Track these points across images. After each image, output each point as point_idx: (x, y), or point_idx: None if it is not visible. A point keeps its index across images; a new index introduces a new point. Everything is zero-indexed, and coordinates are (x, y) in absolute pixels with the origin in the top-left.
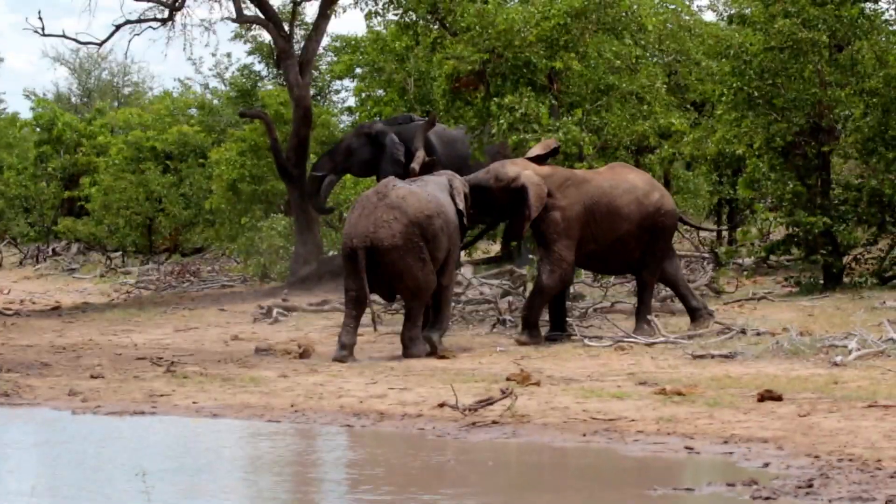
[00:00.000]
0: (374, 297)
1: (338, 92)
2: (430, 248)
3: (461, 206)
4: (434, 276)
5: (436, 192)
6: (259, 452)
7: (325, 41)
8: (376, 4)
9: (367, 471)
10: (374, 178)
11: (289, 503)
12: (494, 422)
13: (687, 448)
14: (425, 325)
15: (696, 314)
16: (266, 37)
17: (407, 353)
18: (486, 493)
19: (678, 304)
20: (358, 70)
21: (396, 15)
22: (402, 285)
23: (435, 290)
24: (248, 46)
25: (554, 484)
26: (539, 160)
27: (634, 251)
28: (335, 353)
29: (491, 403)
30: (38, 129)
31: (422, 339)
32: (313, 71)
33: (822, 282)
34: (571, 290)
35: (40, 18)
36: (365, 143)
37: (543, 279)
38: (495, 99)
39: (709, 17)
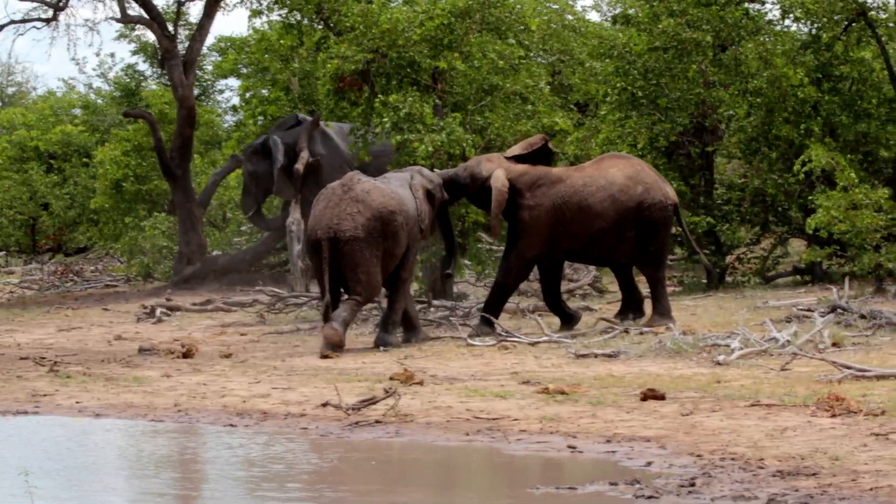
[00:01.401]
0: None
1: (222, 91)
2: (390, 244)
3: (418, 208)
4: (381, 276)
5: (398, 189)
6: (142, 452)
7: (210, 41)
8: (261, 4)
9: (249, 470)
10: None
11: (170, 501)
12: (378, 421)
13: (570, 447)
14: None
15: (629, 307)
16: (150, 37)
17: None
18: (367, 492)
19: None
20: (242, 70)
21: (281, 15)
22: (355, 276)
23: (393, 284)
24: (132, 46)
25: (437, 483)
26: (519, 159)
27: (619, 246)
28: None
29: (374, 403)
30: None
31: (342, 331)
32: (197, 70)
33: (704, 281)
34: (455, 289)
35: None
36: (260, 160)
37: (499, 276)
38: (379, 98)
39: (593, 17)
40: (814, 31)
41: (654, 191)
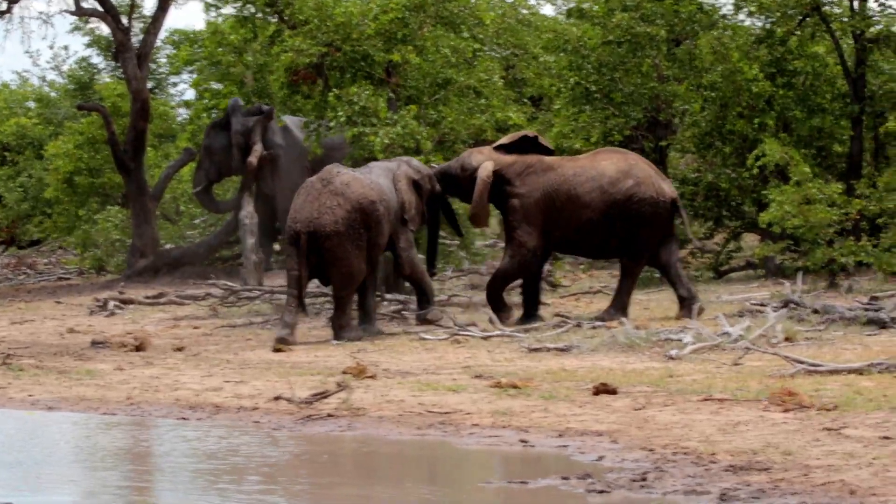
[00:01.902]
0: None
1: (176, 85)
2: (373, 234)
3: (401, 198)
4: (365, 265)
5: (378, 179)
6: (96, 445)
7: (164, 34)
8: None
9: (202, 464)
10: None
11: (125, 493)
12: (330, 415)
13: (522, 441)
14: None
15: (683, 302)
16: (104, 29)
17: (337, 337)
18: (320, 485)
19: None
20: (196, 63)
21: (235, 8)
22: (336, 271)
23: (412, 280)
24: (86, 39)
25: (390, 476)
26: (509, 150)
27: (608, 238)
28: (278, 332)
29: (326, 396)
30: None
31: (352, 326)
32: (151, 64)
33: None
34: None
35: None
36: (216, 134)
37: (502, 264)
38: (334, 91)
39: (547, 11)
40: (768, 26)
41: (645, 185)
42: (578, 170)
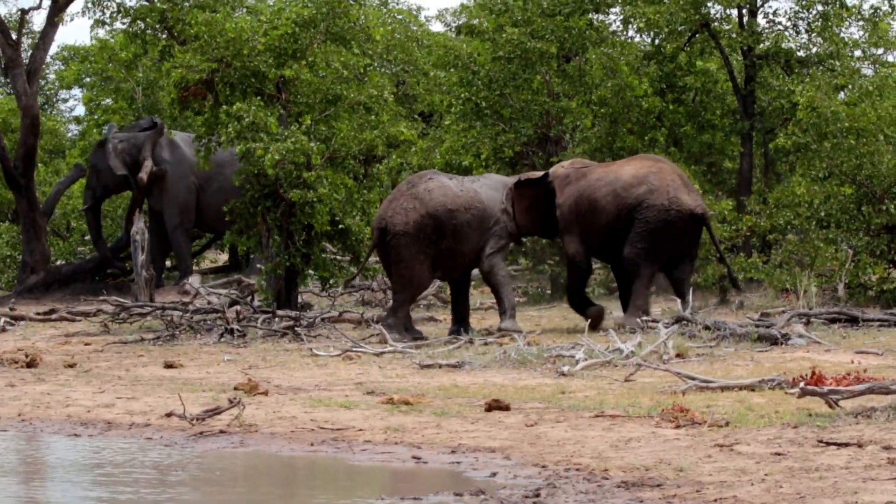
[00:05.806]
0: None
1: (66, 101)
2: (450, 242)
3: (509, 208)
4: (428, 275)
5: (477, 188)
6: None
7: (53, 50)
8: (104, 13)
9: (94, 480)
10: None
11: None
12: (222, 431)
13: (414, 457)
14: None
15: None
16: None
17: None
18: (212, 502)
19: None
20: (86, 79)
21: (125, 24)
22: (396, 273)
23: (488, 284)
24: None
25: (281, 493)
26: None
27: (624, 245)
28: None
29: (218, 413)
30: None
31: (400, 329)
32: (41, 80)
33: (549, 292)
34: (300, 299)
35: None
36: (101, 154)
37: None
38: (224, 107)
39: (437, 27)
40: (658, 42)
41: (657, 194)
42: (602, 174)
